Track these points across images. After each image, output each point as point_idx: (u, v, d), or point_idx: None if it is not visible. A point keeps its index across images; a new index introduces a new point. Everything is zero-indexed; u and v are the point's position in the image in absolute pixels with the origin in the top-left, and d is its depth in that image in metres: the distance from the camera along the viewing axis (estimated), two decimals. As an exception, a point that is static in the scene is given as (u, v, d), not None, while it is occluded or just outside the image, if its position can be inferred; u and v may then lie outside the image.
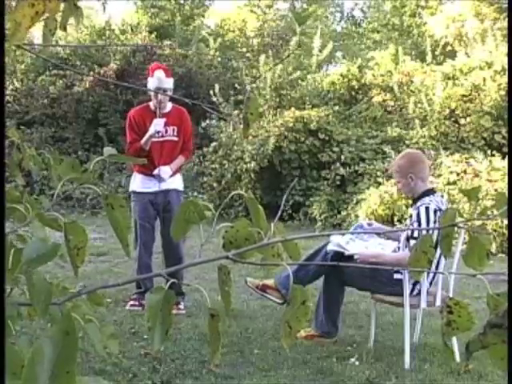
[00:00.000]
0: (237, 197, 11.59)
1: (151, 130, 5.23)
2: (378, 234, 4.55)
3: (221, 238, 1.02)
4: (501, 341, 0.88)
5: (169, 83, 5.31)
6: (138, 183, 5.48)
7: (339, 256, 4.39)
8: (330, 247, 4.43)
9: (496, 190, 9.19)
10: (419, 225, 4.21)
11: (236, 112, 12.36)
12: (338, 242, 4.44)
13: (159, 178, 5.30)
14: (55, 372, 0.68)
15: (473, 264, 1.08)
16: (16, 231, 1.05)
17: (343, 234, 4.64)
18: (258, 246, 0.98)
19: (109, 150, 1.11)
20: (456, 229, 1.10)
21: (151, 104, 5.41)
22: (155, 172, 5.29)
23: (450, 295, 4.34)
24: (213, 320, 0.97)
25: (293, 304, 0.97)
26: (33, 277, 0.88)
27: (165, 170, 5.31)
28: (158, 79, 5.25)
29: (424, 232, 3.90)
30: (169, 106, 5.43)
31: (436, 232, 3.50)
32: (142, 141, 5.26)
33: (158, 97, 5.26)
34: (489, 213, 1.13)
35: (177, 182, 5.48)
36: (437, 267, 4.27)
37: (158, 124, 5.24)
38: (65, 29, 1.33)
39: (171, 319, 0.97)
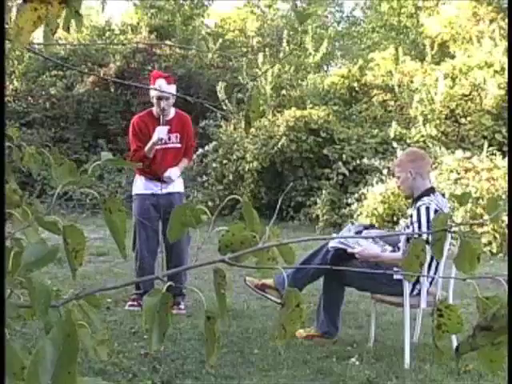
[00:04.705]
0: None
1: (154, 138, 5.24)
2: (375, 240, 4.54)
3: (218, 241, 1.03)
4: (489, 343, 0.89)
5: (170, 91, 5.29)
6: (140, 185, 5.48)
7: (340, 255, 4.39)
8: (332, 244, 4.43)
9: (497, 190, 9.20)
10: (419, 225, 4.21)
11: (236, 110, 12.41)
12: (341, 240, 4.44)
13: (169, 180, 5.32)
14: (57, 373, 0.70)
15: (463, 267, 1.09)
16: (13, 234, 1.07)
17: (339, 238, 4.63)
18: (253, 250, 0.99)
19: (106, 155, 1.13)
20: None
21: (154, 110, 5.42)
22: (166, 174, 5.30)
23: (450, 295, 4.35)
24: (209, 322, 0.98)
25: (287, 307, 0.98)
26: (33, 280, 0.90)
27: (174, 172, 5.35)
28: (160, 88, 5.23)
29: (424, 231, 3.91)
30: (172, 112, 5.43)
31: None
32: (146, 148, 5.27)
33: (160, 105, 5.27)
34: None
35: (179, 185, 5.50)
36: (436, 268, 4.28)
37: (161, 131, 5.25)
38: (68, 30, 1.35)
39: (168, 321, 0.98)
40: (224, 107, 12.74)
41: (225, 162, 12.19)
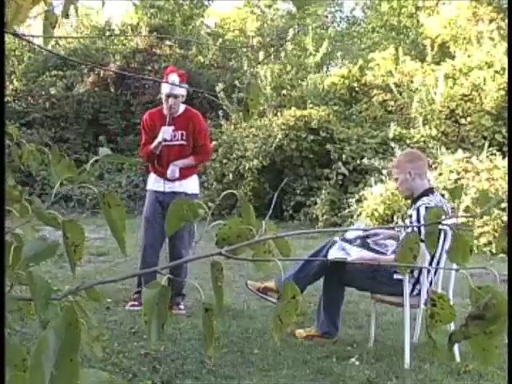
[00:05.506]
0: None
1: (159, 138, 5.28)
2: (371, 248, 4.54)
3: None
4: (482, 332, 0.90)
5: (181, 89, 5.26)
6: (150, 181, 5.55)
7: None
8: (333, 254, 4.42)
9: (497, 190, 9.21)
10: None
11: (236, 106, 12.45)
12: (341, 244, 4.45)
13: (171, 176, 5.32)
14: (59, 360, 0.73)
15: (456, 260, 1.10)
16: (13, 230, 1.07)
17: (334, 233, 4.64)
18: (249, 243, 1.00)
19: (104, 151, 1.13)
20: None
21: (164, 107, 5.41)
22: (168, 171, 5.32)
23: (450, 295, 4.35)
24: (207, 314, 0.99)
25: (283, 299, 0.99)
26: (33, 274, 0.91)
27: (171, 169, 5.34)
28: (171, 84, 5.19)
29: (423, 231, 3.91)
30: (181, 108, 5.40)
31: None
32: (152, 146, 5.32)
33: (168, 102, 5.27)
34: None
35: (186, 185, 5.45)
36: (437, 265, 4.29)
37: (165, 132, 5.27)
38: (67, 16, 1.35)
39: (167, 313, 0.99)
40: (224, 107, 12.75)
41: (225, 161, 12.20)
